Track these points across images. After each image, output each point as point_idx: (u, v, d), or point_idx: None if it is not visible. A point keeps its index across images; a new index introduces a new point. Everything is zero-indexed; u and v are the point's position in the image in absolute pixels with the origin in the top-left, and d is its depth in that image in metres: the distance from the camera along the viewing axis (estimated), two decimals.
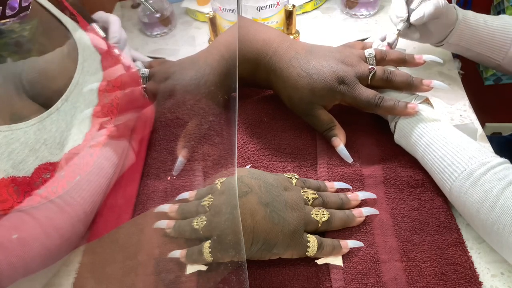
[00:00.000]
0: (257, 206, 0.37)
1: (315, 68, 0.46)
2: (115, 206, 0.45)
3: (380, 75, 0.46)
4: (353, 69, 0.46)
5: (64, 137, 0.43)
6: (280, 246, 0.37)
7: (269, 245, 0.37)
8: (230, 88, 0.51)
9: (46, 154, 0.41)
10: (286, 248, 0.38)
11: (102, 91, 0.48)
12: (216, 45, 0.52)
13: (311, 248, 0.38)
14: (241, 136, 0.52)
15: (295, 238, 0.38)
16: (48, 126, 0.41)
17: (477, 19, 0.51)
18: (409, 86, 0.46)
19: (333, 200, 0.42)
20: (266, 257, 0.39)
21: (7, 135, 0.38)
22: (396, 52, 0.48)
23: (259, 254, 0.38)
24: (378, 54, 0.48)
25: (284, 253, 0.38)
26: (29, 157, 0.39)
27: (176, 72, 0.50)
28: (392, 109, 0.44)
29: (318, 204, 0.41)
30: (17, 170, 0.38)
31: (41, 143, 0.40)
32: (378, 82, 0.46)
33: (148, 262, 0.40)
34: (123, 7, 0.84)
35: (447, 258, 0.38)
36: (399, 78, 0.46)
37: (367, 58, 0.48)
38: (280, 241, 0.37)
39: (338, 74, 0.45)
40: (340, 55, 0.47)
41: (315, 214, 0.39)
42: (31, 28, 0.45)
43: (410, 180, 0.44)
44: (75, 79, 0.46)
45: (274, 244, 0.37)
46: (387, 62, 0.48)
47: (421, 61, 0.48)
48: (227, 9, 0.62)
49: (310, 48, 0.49)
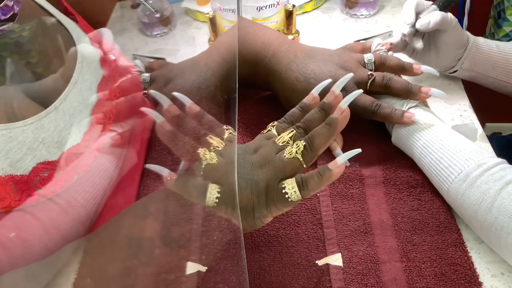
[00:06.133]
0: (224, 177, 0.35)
1: (313, 73, 0.46)
2: (115, 206, 0.45)
3: (379, 81, 0.46)
4: None
5: (62, 136, 0.43)
6: (258, 207, 0.35)
7: (246, 210, 0.35)
8: (230, 89, 0.51)
9: (44, 153, 0.41)
10: (267, 207, 0.35)
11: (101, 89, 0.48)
12: (217, 47, 0.52)
13: (290, 191, 0.34)
14: (241, 136, 0.52)
15: (270, 192, 0.34)
16: (46, 125, 0.41)
17: (488, 44, 0.52)
18: (407, 93, 0.46)
19: (314, 117, 0.37)
20: (257, 225, 0.36)
21: (4, 134, 0.38)
22: (395, 59, 0.48)
23: (245, 224, 0.36)
24: (377, 60, 0.47)
25: (269, 211, 0.35)
26: (27, 155, 0.39)
27: (178, 76, 0.50)
28: (388, 117, 0.44)
29: (300, 137, 0.37)
30: (15, 168, 0.38)
31: (39, 142, 0.40)
32: (377, 88, 0.46)
33: (148, 262, 0.40)
34: (123, 7, 0.84)
35: (447, 259, 0.38)
36: (397, 85, 0.46)
37: (366, 63, 0.47)
38: (255, 203, 0.35)
39: (337, 80, 0.45)
40: (339, 59, 0.47)
41: (288, 154, 0.35)
42: (31, 28, 0.45)
43: (410, 180, 0.44)
44: (74, 78, 0.46)
45: (251, 207, 0.35)
46: (386, 68, 0.48)
47: (419, 71, 0.48)
48: (227, 9, 0.62)
49: (309, 51, 0.49)
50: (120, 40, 0.76)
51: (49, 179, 0.41)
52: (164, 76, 0.51)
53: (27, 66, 0.45)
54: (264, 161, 0.36)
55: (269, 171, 0.35)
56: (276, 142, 0.37)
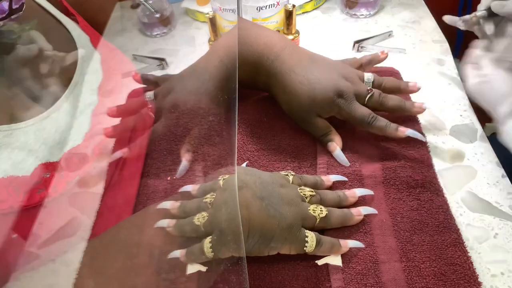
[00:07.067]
0: (252, 199, 0.37)
1: (317, 78, 0.47)
2: (115, 206, 0.46)
3: (376, 97, 0.48)
4: (353, 86, 0.47)
5: (63, 137, 0.43)
6: (277, 239, 0.37)
7: (265, 238, 0.37)
8: (230, 90, 0.51)
9: (46, 154, 0.41)
10: (284, 242, 0.38)
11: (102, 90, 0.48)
12: (215, 50, 0.52)
13: (309, 243, 0.38)
14: (241, 136, 0.52)
15: (292, 232, 0.38)
16: (47, 126, 0.41)
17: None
18: (401, 109, 0.48)
19: (331, 197, 0.42)
20: (264, 252, 0.39)
21: (6, 135, 0.38)
22: (392, 81, 0.50)
23: (257, 249, 0.38)
24: (376, 81, 0.49)
25: (282, 247, 0.38)
26: (28, 157, 0.39)
27: (177, 85, 0.51)
28: (383, 130, 0.46)
29: (316, 201, 0.41)
30: (17, 169, 0.38)
31: (40, 143, 0.40)
32: (373, 104, 0.48)
33: (149, 262, 0.40)
34: (123, 7, 0.84)
35: (447, 258, 0.38)
36: (391, 102, 0.48)
37: (366, 82, 0.49)
38: (277, 234, 0.37)
39: (339, 88, 0.46)
40: (342, 70, 0.48)
41: (313, 210, 0.39)
42: (31, 28, 0.45)
43: (410, 180, 0.44)
44: (74, 79, 0.46)
45: (271, 237, 0.37)
46: (383, 89, 0.49)
47: (415, 88, 0.49)
48: (227, 9, 0.62)
49: (312, 57, 0.49)
50: (120, 40, 0.76)
51: (51, 180, 0.41)
52: (165, 89, 0.51)
53: (27, 66, 0.45)
54: (291, 201, 0.39)
55: (295, 213, 0.38)
56: (299, 190, 0.41)
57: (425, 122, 0.52)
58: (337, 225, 0.41)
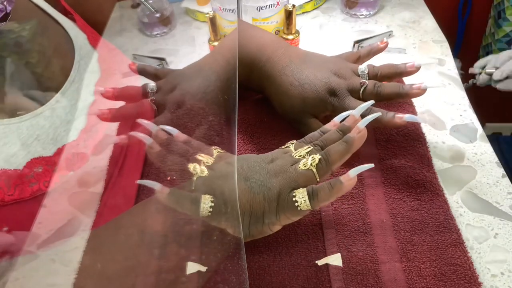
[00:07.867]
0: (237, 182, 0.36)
1: (308, 78, 0.46)
2: (115, 206, 0.46)
3: (371, 88, 0.46)
4: (345, 82, 0.46)
5: (58, 133, 0.43)
6: (268, 214, 0.36)
7: (256, 216, 0.36)
8: (231, 90, 0.51)
9: (39, 149, 0.41)
10: (277, 213, 0.36)
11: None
12: (221, 50, 0.52)
13: (299, 201, 0.35)
14: (241, 136, 0.52)
15: (281, 200, 0.36)
16: (41, 122, 0.42)
17: None
18: (399, 95, 0.45)
19: (332, 137, 0.39)
20: (266, 231, 0.37)
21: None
22: (387, 67, 0.47)
23: (255, 229, 0.37)
24: (370, 71, 0.47)
25: (279, 219, 0.36)
26: (20, 151, 0.40)
27: (182, 81, 0.50)
28: (380, 119, 0.44)
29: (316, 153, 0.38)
30: (8, 163, 0.39)
31: (33, 138, 0.41)
32: (369, 96, 0.46)
33: (149, 262, 0.40)
34: (123, 7, 0.84)
35: (447, 259, 0.38)
36: (388, 89, 0.45)
37: (360, 75, 0.47)
38: (266, 208, 0.36)
39: (330, 86, 0.46)
40: (334, 66, 0.47)
41: (304, 164, 0.36)
42: (31, 29, 0.45)
43: (410, 180, 0.44)
44: (71, 76, 0.46)
45: (262, 213, 0.36)
46: (379, 78, 0.48)
47: (414, 68, 0.46)
48: (227, 9, 0.62)
49: (304, 57, 0.49)
50: (120, 40, 0.76)
51: (43, 174, 0.41)
52: (170, 83, 0.50)
53: (26, 66, 0.45)
54: (279, 170, 0.37)
55: (283, 180, 0.36)
56: (293, 155, 0.38)
57: (425, 122, 0.52)
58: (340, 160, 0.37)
